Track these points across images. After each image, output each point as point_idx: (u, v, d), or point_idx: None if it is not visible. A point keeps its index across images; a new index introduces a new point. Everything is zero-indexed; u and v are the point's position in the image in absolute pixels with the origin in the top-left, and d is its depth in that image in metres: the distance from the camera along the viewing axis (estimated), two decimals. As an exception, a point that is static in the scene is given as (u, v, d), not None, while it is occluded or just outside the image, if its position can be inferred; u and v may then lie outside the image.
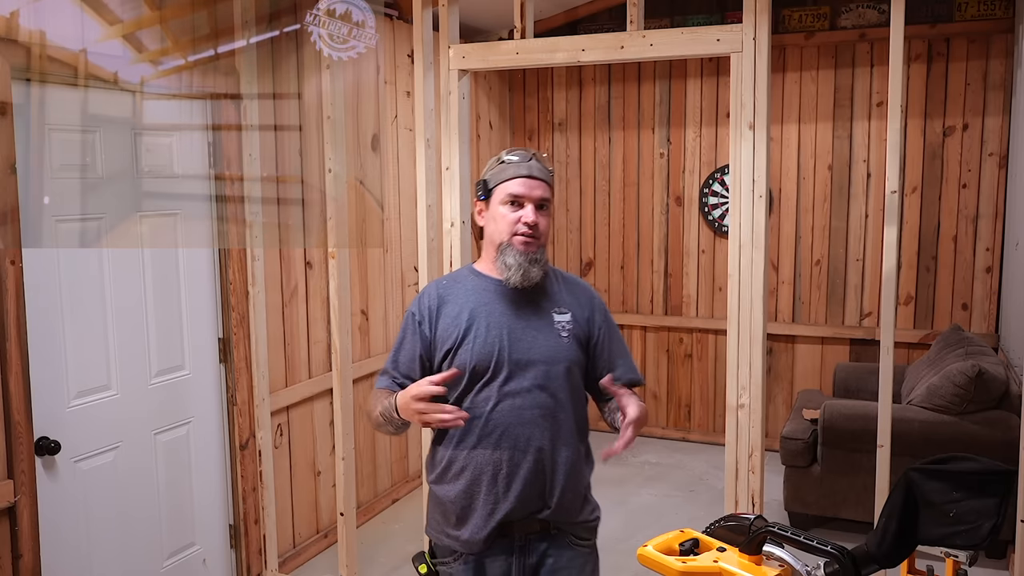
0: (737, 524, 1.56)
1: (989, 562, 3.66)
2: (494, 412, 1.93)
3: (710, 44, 2.70)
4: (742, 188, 2.69)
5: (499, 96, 5.56)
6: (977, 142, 4.70)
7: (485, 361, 1.93)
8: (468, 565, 1.99)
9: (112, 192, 2.88)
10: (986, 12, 4.57)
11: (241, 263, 3.34)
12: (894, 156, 2.65)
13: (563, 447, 1.97)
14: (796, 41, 4.97)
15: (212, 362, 3.34)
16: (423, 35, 3.01)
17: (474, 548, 1.97)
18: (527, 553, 1.98)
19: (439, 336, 1.99)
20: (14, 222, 2.48)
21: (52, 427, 2.70)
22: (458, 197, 3.04)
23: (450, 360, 1.96)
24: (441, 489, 2.01)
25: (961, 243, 4.78)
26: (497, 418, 1.93)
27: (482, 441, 1.94)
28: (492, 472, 1.93)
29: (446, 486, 2.00)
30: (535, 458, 1.93)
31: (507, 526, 1.95)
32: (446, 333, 1.98)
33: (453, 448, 1.98)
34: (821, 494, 3.95)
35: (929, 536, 1.44)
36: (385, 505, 4.42)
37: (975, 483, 1.42)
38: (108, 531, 2.93)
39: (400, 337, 2.06)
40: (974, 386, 3.63)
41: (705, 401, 5.49)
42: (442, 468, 2.01)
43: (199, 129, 3.21)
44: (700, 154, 5.31)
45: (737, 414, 2.76)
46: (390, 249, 4.38)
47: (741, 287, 2.72)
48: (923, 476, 1.44)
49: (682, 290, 5.44)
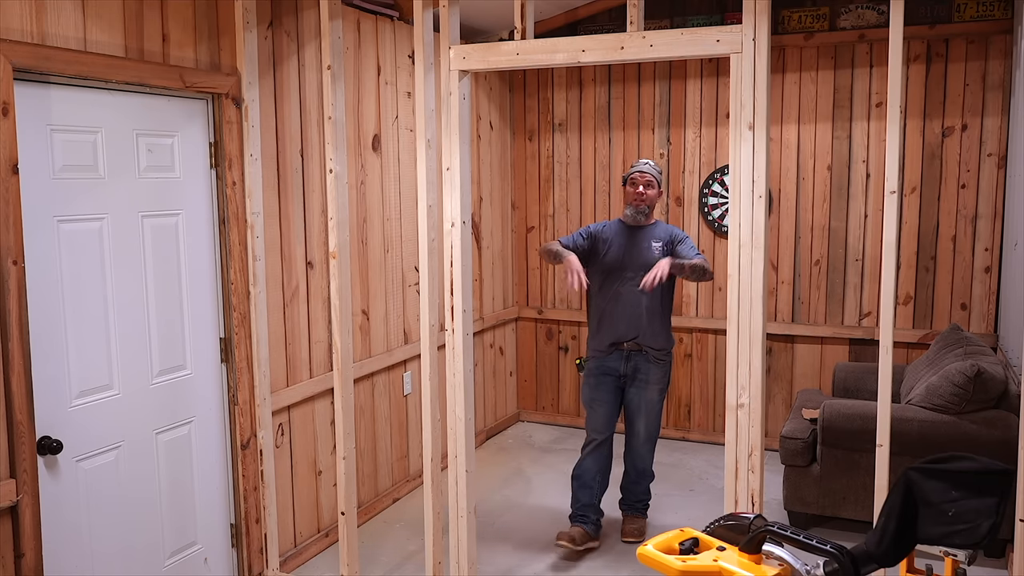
0: (737, 523, 1.56)
1: (988, 561, 3.67)
2: (622, 287, 3.84)
3: (710, 45, 2.70)
4: (742, 188, 2.69)
5: (500, 97, 5.57)
6: (976, 142, 4.71)
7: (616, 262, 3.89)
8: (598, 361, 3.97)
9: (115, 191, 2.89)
10: (985, 13, 4.58)
11: (242, 263, 3.35)
12: (893, 156, 2.65)
13: (653, 310, 3.85)
14: (795, 42, 4.98)
15: (214, 362, 3.35)
16: (424, 36, 3.01)
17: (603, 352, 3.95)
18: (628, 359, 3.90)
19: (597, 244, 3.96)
20: (16, 222, 2.49)
21: (54, 426, 2.71)
22: (459, 197, 3.05)
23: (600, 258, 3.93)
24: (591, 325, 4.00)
25: (960, 243, 4.79)
26: (622, 292, 3.84)
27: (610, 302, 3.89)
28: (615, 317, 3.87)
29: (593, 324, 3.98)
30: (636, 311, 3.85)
31: (618, 344, 3.89)
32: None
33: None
34: (820, 493, 3.95)
35: (928, 535, 1.45)
36: (386, 504, 4.43)
37: (974, 482, 1.42)
38: (110, 530, 2.94)
39: (583, 230, 4.00)
40: (973, 386, 3.64)
41: (705, 401, 5.50)
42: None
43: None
44: (700, 154, 5.31)
45: (737, 414, 2.76)
46: (391, 249, 4.39)
47: (741, 287, 2.73)
48: (922, 475, 1.45)
49: (682, 290, 5.45)
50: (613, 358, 3.89)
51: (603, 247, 3.90)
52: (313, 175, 3.79)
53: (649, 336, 3.84)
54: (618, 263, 3.86)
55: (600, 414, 3.91)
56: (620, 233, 3.92)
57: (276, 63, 3.54)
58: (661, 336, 3.88)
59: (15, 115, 2.48)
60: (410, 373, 4.59)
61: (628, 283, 3.82)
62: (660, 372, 3.89)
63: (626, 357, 3.88)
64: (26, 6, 2.54)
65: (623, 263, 3.84)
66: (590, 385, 3.95)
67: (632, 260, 3.84)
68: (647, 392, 3.88)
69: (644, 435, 3.93)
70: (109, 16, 2.80)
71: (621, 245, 3.88)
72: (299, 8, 3.66)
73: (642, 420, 3.91)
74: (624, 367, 3.89)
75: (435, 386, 3.18)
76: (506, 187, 5.69)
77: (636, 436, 3.94)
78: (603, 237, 3.93)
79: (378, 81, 4.23)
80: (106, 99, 2.85)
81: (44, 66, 2.57)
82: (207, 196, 3.27)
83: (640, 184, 3.87)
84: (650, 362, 3.86)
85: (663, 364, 3.90)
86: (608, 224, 3.99)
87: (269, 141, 3.51)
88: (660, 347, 3.88)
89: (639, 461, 3.98)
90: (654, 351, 3.86)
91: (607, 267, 3.88)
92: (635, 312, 3.82)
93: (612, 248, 3.89)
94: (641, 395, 3.89)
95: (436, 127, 3.12)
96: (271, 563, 3.53)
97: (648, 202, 3.87)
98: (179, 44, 3.06)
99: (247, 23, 3.28)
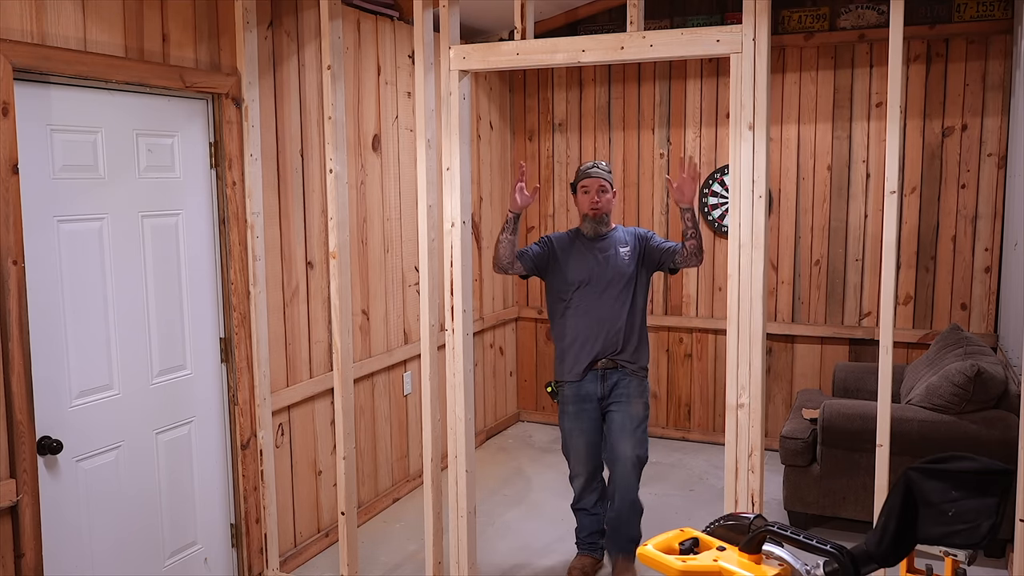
0: (737, 523, 1.56)
1: (988, 561, 3.67)
2: (593, 303, 3.49)
3: (710, 45, 2.70)
4: (742, 188, 2.69)
5: (500, 96, 5.57)
6: (976, 142, 4.71)
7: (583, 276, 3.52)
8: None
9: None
10: (985, 13, 4.58)
11: (242, 263, 3.35)
12: (893, 156, 2.65)
13: (631, 325, 3.53)
14: (796, 42, 4.98)
15: (214, 362, 3.35)
16: (424, 36, 3.01)
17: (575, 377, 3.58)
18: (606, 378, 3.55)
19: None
20: (16, 222, 2.49)
21: (54, 426, 2.71)
22: (459, 197, 3.05)
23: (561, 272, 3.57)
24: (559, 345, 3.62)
25: (960, 243, 4.79)
26: (593, 308, 3.50)
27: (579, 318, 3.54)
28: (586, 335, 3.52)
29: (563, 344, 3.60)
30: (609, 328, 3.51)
31: (592, 364, 3.52)
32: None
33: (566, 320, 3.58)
34: (820, 493, 3.95)
35: (928, 535, 1.45)
36: (386, 504, 4.43)
37: (974, 482, 1.42)
38: (110, 530, 2.94)
39: (540, 239, 3.63)
40: (973, 386, 3.64)
41: (705, 401, 5.50)
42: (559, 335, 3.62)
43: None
44: (700, 154, 5.31)
45: (737, 414, 2.76)
46: (391, 249, 4.39)
47: (741, 287, 2.73)
48: (922, 475, 1.44)
49: (682, 290, 5.45)
50: (589, 381, 3.52)
51: (564, 259, 3.54)
52: (313, 175, 3.79)
53: (628, 353, 3.51)
54: (585, 278, 3.50)
55: (582, 445, 3.55)
56: (582, 247, 3.55)
57: (276, 63, 3.54)
58: (641, 353, 3.55)
59: (15, 115, 2.48)
60: (410, 373, 4.59)
61: (599, 298, 3.49)
62: (642, 387, 3.54)
63: (602, 377, 3.52)
64: (26, 6, 2.54)
65: (591, 277, 3.50)
66: (569, 414, 3.57)
67: (602, 272, 3.50)
68: (631, 407, 3.50)
69: (632, 459, 3.47)
70: (109, 16, 2.80)
71: (585, 259, 3.52)
72: (299, 8, 3.66)
73: (628, 442, 3.47)
74: (601, 389, 3.52)
75: (435, 386, 3.18)
76: (506, 187, 5.69)
77: (623, 461, 3.47)
78: (561, 248, 3.56)
79: (378, 81, 4.22)
80: (106, 99, 2.85)
81: (44, 66, 2.57)
82: (207, 196, 3.27)
83: (593, 190, 3.52)
84: (629, 375, 3.52)
85: (643, 379, 3.56)
86: (565, 235, 3.61)
87: (269, 141, 3.51)
88: (639, 363, 3.54)
89: (628, 492, 3.50)
90: (632, 367, 3.52)
91: (572, 283, 3.51)
92: (611, 328, 3.48)
93: (574, 263, 3.52)
94: (625, 412, 3.49)
95: (436, 127, 3.12)
96: (271, 563, 3.53)
97: (605, 209, 3.53)
98: (179, 44, 3.06)
99: (247, 23, 3.28)
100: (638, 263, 3.54)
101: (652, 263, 3.54)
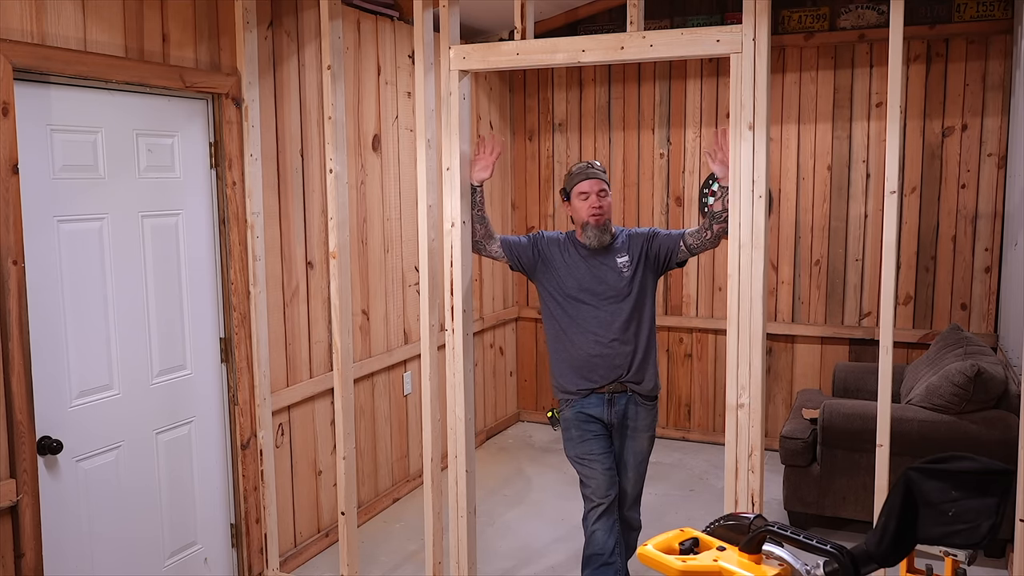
0: (737, 523, 1.56)
1: (988, 561, 3.67)
2: (585, 320, 3.12)
3: (710, 45, 2.70)
4: (742, 188, 2.70)
5: (500, 96, 5.57)
6: (976, 142, 4.71)
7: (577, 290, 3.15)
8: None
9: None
10: (985, 13, 4.58)
11: (243, 263, 3.35)
12: (893, 156, 2.65)
13: (638, 345, 3.15)
14: (796, 42, 4.98)
15: (214, 362, 3.35)
16: (424, 36, 3.01)
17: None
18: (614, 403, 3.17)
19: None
20: (16, 222, 2.49)
21: (54, 426, 2.71)
22: (459, 197, 3.05)
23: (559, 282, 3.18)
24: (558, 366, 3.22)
25: (960, 243, 4.79)
26: (586, 326, 3.12)
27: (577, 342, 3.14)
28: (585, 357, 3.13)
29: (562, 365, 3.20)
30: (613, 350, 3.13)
31: (599, 387, 3.15)
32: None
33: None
34: (820, 493, 3.95)
35: (928, 535, 1.45)
36: (386, 504, 4.43)
37: (974, 482, 1.42)
38: (110, 530, 2.94)
39: (531, 234, 3.24)
40: (973, 385, 3.64)
41: (705, 401, 5.50)
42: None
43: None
44: (700, 154, 5.31)
45: (737, 414, 2.76)
46: (391, 249, 4.39)
47: (741, 287, 2.73)
48: (922, 475, 1.44)
49: (682, 290, 5.45)
50: (592, 402, 3.14)
51: (558, 266, 3.15)
52: (313, 175, 3.79)
53: (633, 372, 3.12)
54: (585, 292, 3.12)
55: (598, 472, 3.12)
56: (579, 257, 3.15)
57: (276, 63, 3.54)
58: (648, 370, 3.16)
59: (15, 115, 2.48)
60: (410, 373, 4.59)
61: (602, 314, 3.11)
62: (651, 417, 3.21)
63: (609, 401, 3.13)
64: (26, 6, 2.54)
65: (592, 292, 3.12)
66: (574, 439, 3.16)
67: (604, 288, 3.12)
68: (636, 442, 3.19)
69: (633, 494, 3.26)
70: (109, 16, 2.80)
71: (584, 271, 3.12)
72: (299, 8, 3.66)
73: (630, 478, 3.22)
74: (608, 414, 3.14)
75: (435, 386, 3.18)
76: (506, 187, 5.69)
77: (623, 496, 3.23)
78: (553, 251, 3.17)
79: (378, 81, 4.22)
80: (106, 99, 2.85)
81: (44, 66, 2.57)
82: (207, 196, 3.27)
83: (594, 194, 3.08)
84: (638, 405, 3.16)
85: (652, 409, 3.22)
86: (558, 237, 3.21)
87: (269, 141, 3.51)
88: (647, 385, 3.16)
89: (632, 523, 3.30)
90: (642, 396, 3.16)
91: (569, 296, 3.13)
92: (616, 351, 3.10)
93: (571, 273, 3.13)
94: (630, 448, 3.19)
95: (436, 127, 3.12)
96: (271, 563, 3.53)
97: (608, 214, 3.12)
98: (179, 44, 3.06)
99: (247, 23, 3.28)
100: (644, 272, 3.15)
101: (660, 264, 3.17)
